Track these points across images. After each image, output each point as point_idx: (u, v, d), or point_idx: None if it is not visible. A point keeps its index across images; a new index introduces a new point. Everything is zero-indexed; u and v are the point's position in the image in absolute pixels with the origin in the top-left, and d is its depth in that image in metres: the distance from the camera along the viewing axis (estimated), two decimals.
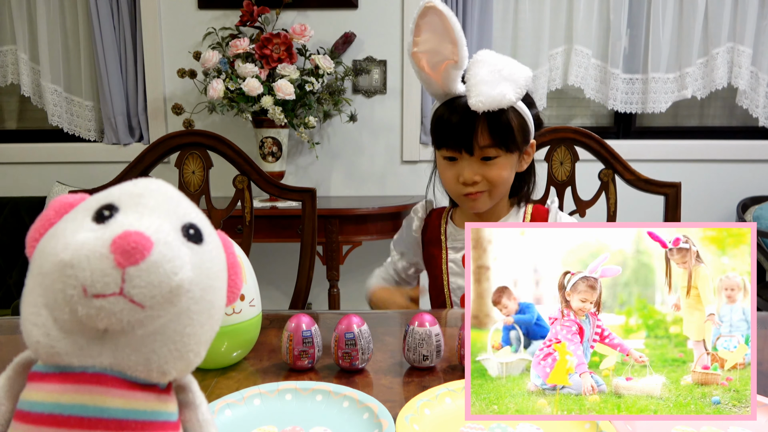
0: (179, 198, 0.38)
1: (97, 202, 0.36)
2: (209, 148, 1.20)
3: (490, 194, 0.99)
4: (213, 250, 0.38)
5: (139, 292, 0.32)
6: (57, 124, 2.42)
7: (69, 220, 0.35)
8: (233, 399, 0.59)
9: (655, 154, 2.37)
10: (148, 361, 0.34)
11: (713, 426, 0.55)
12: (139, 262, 0.32)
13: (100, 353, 0.34)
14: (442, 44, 0.88)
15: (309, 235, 1.20)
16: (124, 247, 0.31)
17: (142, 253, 0.32)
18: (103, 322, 0.33)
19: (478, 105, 0.87)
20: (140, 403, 0.35)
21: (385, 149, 2.41)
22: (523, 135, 0.97)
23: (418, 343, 0.67)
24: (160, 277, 0.32)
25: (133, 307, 0.32)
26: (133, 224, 0.33)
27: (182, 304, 0.34)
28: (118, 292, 0.32)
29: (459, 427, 0.55)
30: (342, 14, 2.32)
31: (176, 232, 0.35)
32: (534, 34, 2.32)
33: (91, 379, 0.34)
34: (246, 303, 0.69)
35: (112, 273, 0.31)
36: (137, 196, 0.36)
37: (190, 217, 0.37)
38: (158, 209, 0.35)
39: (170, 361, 0.35)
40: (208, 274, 0.37)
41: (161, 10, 2.33)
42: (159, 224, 0.34)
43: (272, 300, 2.42)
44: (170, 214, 0.36)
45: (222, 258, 0.40)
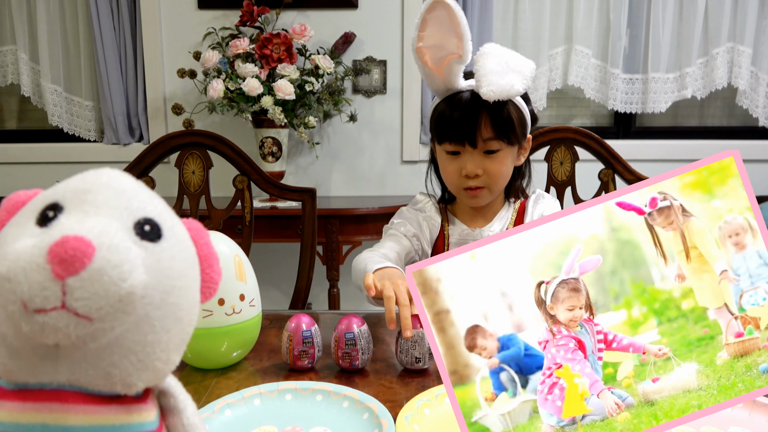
0: (134, 190, 0.34)
1: (42, 201, 0.32)
2: (209, 148, 1.20)
3: (491, 189, 1.00)
4: (175, 246, 0.34)
5: (83, 304, 0.28)
6: (57, 124, 2.42)
7: (14, 224, 0.32)
8: (233, 399, 0.59)
9: (655, 154, 2.37)
10: (108, 375, 0.31)
11: (713, 426, 0.55)
12: (79, 272, 0.28)
13: (55, 370, 0.31)
14: (448, 38, 0.88)
15: (309, 235, 1.20)
16: (61, 256, 0.28)
17: (82, 260, 0.28)
18: (50, 338, 0.29)
19: (489, 94, 0.88)
20: (107, 417, 0.32)
21: (385, 149, 2.41)
22: (522, 128, 0.99)
23: (411, 345, 0.67)
24: (106, 285, 0.29)
25: (80, 321, 0.29)
26: (74, 227, 0.29)
27: (138, 311, 0.31)
28: (59, 305, 0.28)
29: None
30: (342, 14, 2.32)
31: (126, 231, 0.31)
32: (534, 34, 2.32)
33: (50, 396, 0.31)
34: (246, 303, 0.69)
35: (50, 286, 0.28)
36: (83, 193, 0.32)
37: (146, 211, 0.33)
38: (106, 206, 0.32)
39: (134, 372, 0.32)
40: (168, 275, 0.33)
41: (161, 10, 2.33)
42: (105, 224, 0.30)
43: (272, 300, 2.42)
44: (120, 210, 0.32)
45: (189, 253, 0.36)
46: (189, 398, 0.37)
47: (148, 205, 0.34)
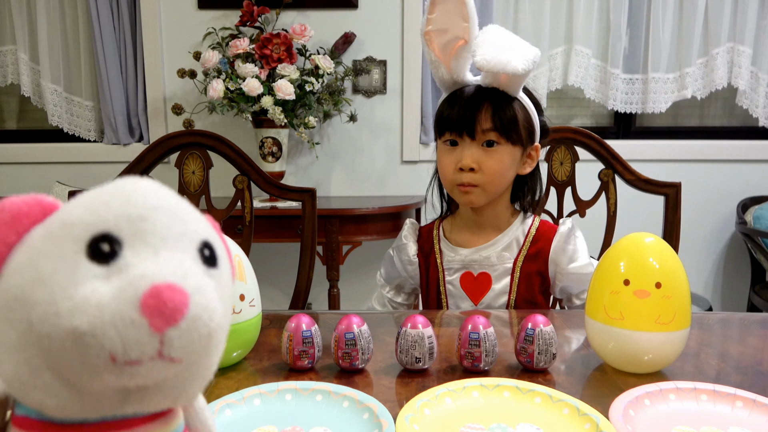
0: (183, 209, 0.31)
1: (86, 229, 0.28)
2: (209, 148, 1.20)
3: (485, 189, 0.96)
4: (226, 264, 0.33)
5: (180, 351, 0.28)
6: (57, 124, 2.42)
7: (51, 256, 0.28)
8: (233, 399, 0.59)
9: (655, 154, 2.37)
10: (176, 399, 0.31)
11: (713, 426, 0.55)
12: (179, 322, 0.27)
13: (123, 405, 0.30)
14: (455, 21, 0.87)
15: (309, 235, 1.20)
16: (161, 309, 0.26)
17: (182, 311, 0.27)
18: (135, 383, 0.28)
19: (482, 62, 0.86)
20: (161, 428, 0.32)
21: (385, 149, 2.41)
22: (528, 132, 0.96)
23: (411, 345, 0.67)
24: (200, 329, 0.28)
25: (171, 365, 0.28)
26: (156, 272, 0.27)
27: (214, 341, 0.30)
28: (156, 356, 0.27)
29: (459, 427, 0.54)
30: (342, 14, 2.32)
31: (197, 264, 0.30)
32: (534, 34, 2.32)
33: (113, 426, 0.30)
34: (246, 303, 0.69)
35: (149, 340, 0.27)
36: (139, 220, 0.29)
37: (201, 233, 0.31)
38: (170, 236, 0.29)
39: (198, 390, 0.32)
40: (227, 296, 0.32)
41: (161, 10, 2.33)
42: (181, 262, 0.29)
43: (272, 300, 2.42)
44: (182, 238, 0.30)
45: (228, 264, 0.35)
46: None
47: (199, 225, 0.32)
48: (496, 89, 0.93)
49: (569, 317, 0.90)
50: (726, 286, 2.50)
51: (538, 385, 0.60)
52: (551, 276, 1.02)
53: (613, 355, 0.68)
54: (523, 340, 0.67)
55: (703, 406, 0.59)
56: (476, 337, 0.66)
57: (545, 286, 1.03)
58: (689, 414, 0.57)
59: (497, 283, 1.02)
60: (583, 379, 0.67)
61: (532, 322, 0.67)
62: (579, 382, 0.66)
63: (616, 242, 0.70)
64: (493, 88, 0.93)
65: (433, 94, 2.35)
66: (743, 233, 2.30)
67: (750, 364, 0.71)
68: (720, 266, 2.49)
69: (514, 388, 0.60)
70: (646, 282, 0.65)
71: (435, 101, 2.35)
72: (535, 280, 1.01)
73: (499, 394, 0.60)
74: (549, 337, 0.66)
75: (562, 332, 0.83)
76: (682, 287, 0.66)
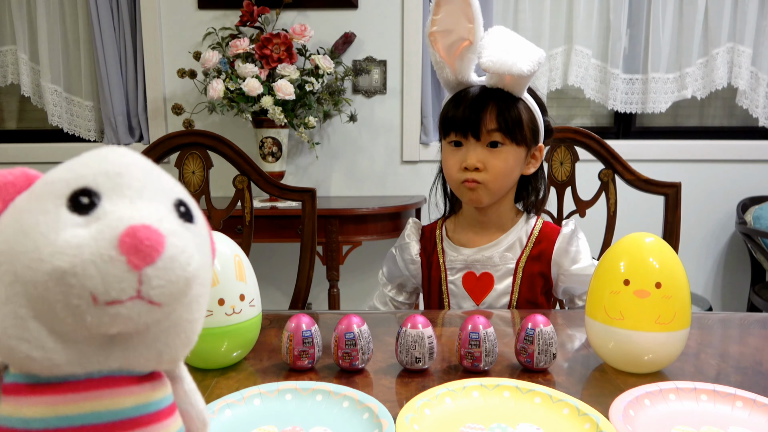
0: (157, 170, 0.33)
1: (66, 185, 0.30)
2: (209, 148, 1.20)
3: (489, 187, 0.96)
4: (203, 224, 0.35)
5: (158, 292, 0.29)
6: (57, 124, 2.42)
7: (33, 211, 0.30)
8: (233, 399, 0.59)
9: (655, 154, 2.37)
10: (160, 355, 0.32)
11: (713, 426, 0.55)
12: (156, 261, 0.28)
13: (108, 357, 0.31)
14: (459, 22, 0.87)
15: (309, 235, 1.20)
16: (137, 246, 0.28)
17: (157, 249, 0.28)
18: (117, 328, 0.29)
19: (488, 64, 0.86)
20: (149, 395, 0.33)
21: (385, 149, 2.41)
22: (533, 132, 0.96)
23: (411, 345, 0.67)
24: (177, 271, 0.29)
25: (151, 308, 0.29)
26: (133, 216, 0.29)
27: (193, 292, 0.32)
28: (135, 295, 0.28)
29: (459, 427, 0.54)
30: (342, 14, 2.32)
31: (173, 215, 0.31)
32: (534, 34, 2.32)
33: (99, 384, 0.31)
34: (246, 303, 0.69)
35: (127, 277, 0.28)
36: (116, 176, 0.31)
37: (176, 191, 0.33)
38: (145, 190, 0.31)
39: (180, 349, 0.33)
40: (205, 253, 0.34)
41: (161, 10, 2.33)
42: (157, 209, 0.30)
43: (272, 300, 2.42)
44: (158, 192, 0.32)
45: (206, 227, 0.36)
46: (184, 365, 0.38)
47: (174, 185, 0.34)
48: (501, 90, 0.93)
49: (569, 317, 0.90)
50: (726, 286, 2.50)
51: (538, 385, 0.60)
52: (554, 277, 1.02)
53: (613, 355, 0.68)
54: (523, 340, 0.67)
55: (703, 406, 0.59)
56: (476, 337, 0.66)
57: (547, 287, 1.03)
58: (689, 414, 0.57)
59: (499, 284, 1.02)
60: (583, 379, 0.67)
61: (532, 322, 0.67)
62: (579, 382, 0.66)
63: (616, 242, 0.70)
64: (498, 88, 0.93)
65: (433, 94, 2.35)
66: (743, 233, 2.30)
67: (750, 364, 0.71)
68: (720, 266, 2.49)
69: (514, 388, 0.60)
70: (646, 282, 0.65)
71: (435, 101, 2.35)
72: (538, 281, 1.01)
73: (499, 394, 0.60)
74: (549, 337, 0.66)
75: (562, 332, 0.83)
76: (682, 287, 0.66)
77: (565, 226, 1.03)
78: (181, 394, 0.37)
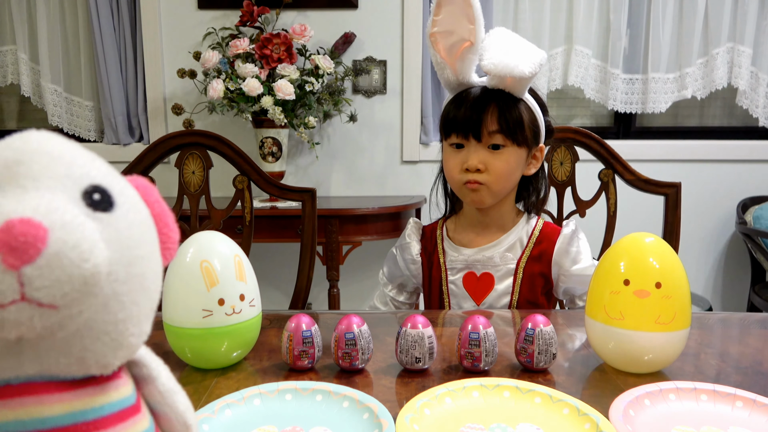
0: (72, 154, 0.30)
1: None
2: (209, 148, 1.20)
3: (491, 189, 0.96)
4: (129, 211, 0.31)
5: (45, 293, 0.26)
6: (57, 124, 2.42)
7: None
8: (233, 399, 0.59)
9: (655, 154, 2.37)
10: (82, 360, 0.29)
11: (713, 426, 0.55)
12: (34, 259, 0.25)
13: (20, 364, 0.29)
14: (460, 23, 0.87)
15: (309, 235, 1.20)
16: (11, 244, 0.25)
17: (35, 246, 0.25)
18: (13, 333, 0.27)
19: (489, 66, 0.86)
20: (85, 401, 0.30)
21: (385, 149, 2.41)
22: (534, 133, 0.96)
23: (411, 345, 0.67)
24: (67, 269, 0.26)
25: (44, 311, 0.26)
26: (16, 209, 0.26)
27: (105, 290, 0.28)
28: (19, 298, 0.26)
29: (459, 427, 0.54)
30: (342, 14, 2.32)
31: (75, 204, 0.28)
32: (534, 34, 2.32)
33: (19, 390, 0.29)
34: (246, 303, 0.69)
35: (4, 278, 0.25)
36: (14, 164, 0.28)
37: (91, 177, 0.30)
38: (45, 177, 0.28)
39: (109, 352, 0.30)
40: (129, 245, 0.30)
41: (161, 10, 2.33)
42: (50, 200, 0.27)
43: (272, 300, 2.42)
44: (62, 180, 0.28)
45: (143, 216, 0.32)
46: (161, 364, 0.36)
47: (91, 170, 0.30)
48: (502, 91, 0.93)
49: (570, 317, 0.90)
50: (726, 286, 2.50)
51: (538, 385, 0.60)
52: (554, 277, 1.02)
53: (613, 355, 0.68)
54: (523, 340, 0.67)
55: (703, 406, 0.59)
56: (476, 337, 0.66)
57: (548, 288, 1.03)
58: (689, 414, 0.57)
59: (500, 284, 1.02)
60: (583, 379, 0.67)
61: (532, 322, 0.67)
62: (579, 382, 0.66)
63: (616, 242, 0.70)
64: (499, 89, 0.93)
65: (433, 94, 2.35)
66: (743, 233, 2.30)
67: (750, 364, 0.71)
68: (720, 266, 2.49)
69: (514, 388, 0.60)
70: (646, 282, 0.65)
71: (435, 101, 2.35)
72: (538, 281, 1.01)
73: (499, 394, 0.60)
74: (549, 337, 0.66)
75: (562, 332, 0.83)
76: (682, 287, 0.66)
77: (566, 226, 1.03)
78: (156, 395, 0.35)
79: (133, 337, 0.31)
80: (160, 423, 0.35)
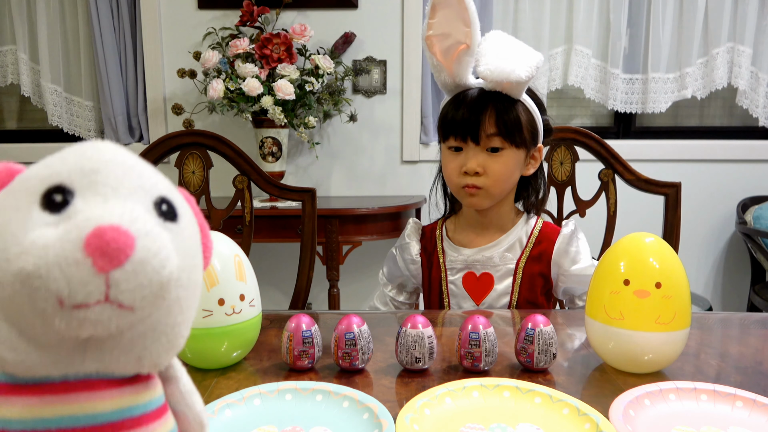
0: (141, 167, 0.32)
1: (41, 182, 0.29)
2: (209, 148, 1.20)
3: (489, 191, 0.96)
4: (189, 222, 0.33)
5: (128, 296, 0.28)
6: (57, 124, 2.42)
7: (7, 208, 0.29)
8: (233, 399, 0.59)
9: (655, 154, 2.37)
10: (139, 359, 0.31)
11: (713, 426, 0.55)
12: (123, 264, 0.27)
13: (83, 360, 0.30)
14: (456, 26, 0.87)
15: (309, 235, 1.20)
16: (103, 248, 0.26)
17: (125, 252, 0.27)
18: (87, 332, 0.28)
19: (486, 73, 0.85)
20: (132, 398, 0.32)
21: (385, 149, 2.41)
22: (532, 134, 0.96)
23: (411, 345, 0.67)
24: (149, 274, 0.28)
25: (122, 312, 0.28)
26: (103, 215, 0.27)
27: (172, 295, 0.30)
28: (103, 299, 0.27)
29: (459, 427, 0.54)
30: (342, 14, 2.32)
31: (151, 214, 0.30)
32: (534, 34, 2.32)
33: (77, 386, 0.30)
34: (246, 303, 0.69)
35: (93, 280, 0.27)
36: (92, 173, 0.29)
37: (159, 189, 0.31)
38: (122, 187, 0.30)
39: (163, 353, 0.32)
40: (189, 253, 0.32)
41: (161, 10, 2.33)
42: (131, 209, 0.29)
43: (272, 300, 2.42)
44: (137, 190, 0.30)
45: (195, 227, 0.34)
46: (180, 365, 0.37)
47: (158, 182, 0.32)
48: (499, 93, 0.93)
49: (569, 317, 0.90)
50: (726, 286, 2.50)
51: (538, 385, 0.60)
52: (554, 278, 1.02)
53: (613, 355, 0.68)
54: (523, 340, 0.67)
55: (703, 406, 0.59)
56: (476, 337, 0.66)
57: (547, 288, 1.03)
58: (689, 414, 0.57)
59: (499, 284, 1.01)
60: (583, 379, 0.67)
61: (532, 322, 0.67)
62: (579, 382, 0.66)
63: (616, 242, 0.70)
64: (496, 91, 0.93)
65: (433, 94, 2.35)
66: (743, 233, 2.30)
67: (750, 364, 0.71)
68: (720, 266, 2.49)
69: (514, 388, 0.60)
70: (646, 282, 0.65)
71: (435, 101, 2.35)
72: (538, 281, 1.01)
73: (499, 394, 0.60)
74: (549, 337, 0.66)
75: (562, 332, 0.83)
76: (682, 287, 0.66)
77: (565, 226, 1.02)
78: (177, 395, 0.36)
79: (182, 338, 0.33)
80: (178, 422, 0.37)
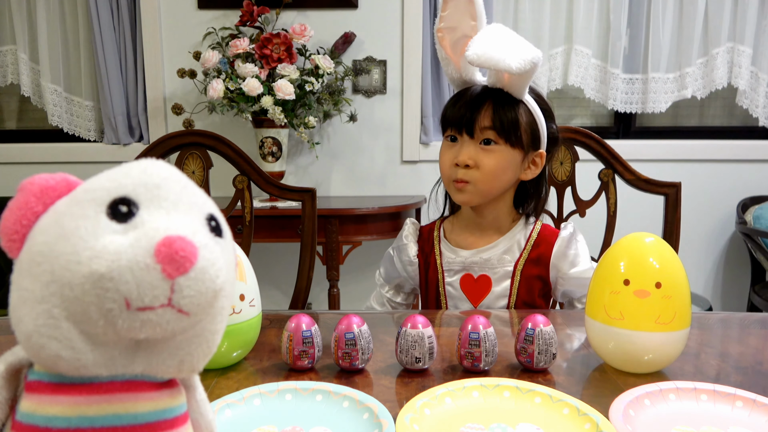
0: (191, 185, 0.35)
1: (107, 193, 0.32)
2: (209, 148, 1.20)
3: (478, 187, 0.95)
4: (229, 239, 0.36)
5: (188, 301, 0.30)
6: (57, 124, 2.42)
7: (74, 216, 0.31)
8: (233, 399, 0.59)
9: (655, 154, 2.37)
10: (181, 363, 0.34)
11: (713, 426, 0.55)
12: (188, 271, 0.30)
13: (132, 361, 0.32)
14: (464, 20, 0.88)
15: (309, 235, 1.20)
16: (172, 256, 0.29)
17: (191, 260, 0.30)
18: (145, 333, 0.31)
19: (472, 57, 0.84)
20: (168, 401, 0.34)
21: (385, 149, 2.41)
22: (531, 137, 0.95)
23: (411, 345, 0.67)
24: (206, 283, 0.31)
25: (180, 316, 0.31)
26: (169, 227, 0.30)
27: (219, 304, 0.33)
28: (166, 303, 0.30)
29: (459, 427, 0.54)
30: (342, 14, 2.32)
31: (205, 229, 0.33)
32: (534, 34, 2.32)
33: (122, 387, 0.32)
34: (246, 303, 0.69)
35: (161, 285, 0.29)
36: (154, 188, 0.32)
37: (208, 206, 0.35)
38: (180, 203, 0.33)
39: (201, 358, 0.34)
40: (231, 267, 0.35)
41: (161, 10, 2.33)
42: (191, 222, 0.32)
43: (272, 300, 2.42)
44: (192, 206, 0.33)
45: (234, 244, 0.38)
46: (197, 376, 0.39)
47: (207, 201, 0.35)
48: (501, 90, 0.93)
49: (569, 317, 0.90)
50: (726, 286, 2.50)
51: (538, 385, 0.60)
52: (552, 280, 1.02)
53: (613, 355, 0.68)
54: (523, 340, 0.67)
55: (703, 406, 0.59)
56: (476, 337, 0.66)
57: (546, 290, 1.03)
58: (689, 414, 0.57)
59: (497, 286, 1.01)
60: (583, 379, 0.67)
61: (532, 322, 0.67)
62: (579, 382, 0.66)
63: (616, 242, 0.70)
64: (498, 89, 0.93)
65: (433, 94, 2.35)
66: (743, 233, 2.30)
67: (750, 364, 0.71)
68: (720, 266, 2.49)
69: (514, 388, 0.60)
70: (646, 282, 0.65)
71: (435, 101, 2.35)
72: (536, 283, 1.01)
73: (499, 394, 0.60)
74: (549, 337, 0.66)
75: (562, 332, 0.83)
76: (682, 287, 0.66)
77: (564, 229, 1.02)
78: (193, 403, 0.38)
79: (215, 345, 0.35)
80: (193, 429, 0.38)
